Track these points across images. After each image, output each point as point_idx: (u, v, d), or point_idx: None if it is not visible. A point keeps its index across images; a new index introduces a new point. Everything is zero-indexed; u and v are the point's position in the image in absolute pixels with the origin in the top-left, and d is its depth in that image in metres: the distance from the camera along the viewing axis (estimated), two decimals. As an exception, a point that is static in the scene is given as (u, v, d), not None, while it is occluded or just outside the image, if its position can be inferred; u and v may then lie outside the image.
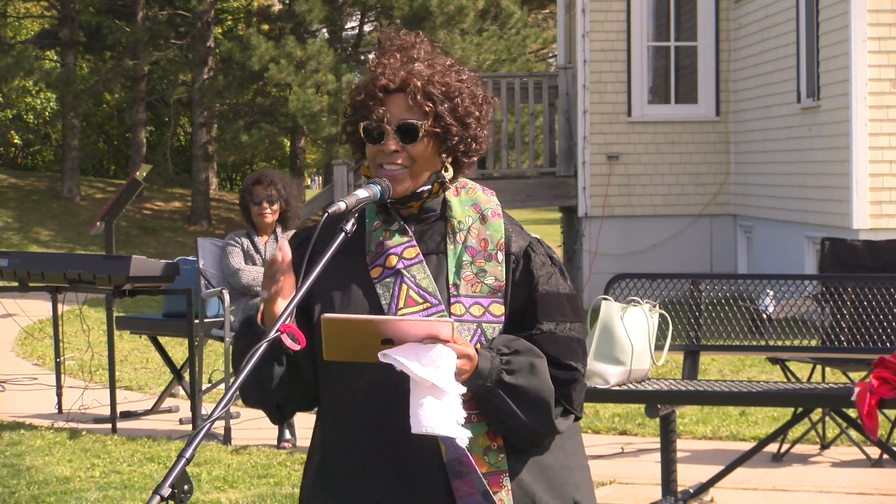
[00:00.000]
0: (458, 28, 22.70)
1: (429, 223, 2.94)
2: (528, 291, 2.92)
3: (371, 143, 2.90)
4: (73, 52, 26.95)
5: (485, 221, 2.95)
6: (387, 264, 2.89)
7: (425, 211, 2.94)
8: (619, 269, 14.59)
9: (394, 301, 2.86)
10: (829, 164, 13.42)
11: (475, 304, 2.88)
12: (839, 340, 7.23)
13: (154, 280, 8.72)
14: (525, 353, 2.84)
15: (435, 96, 2.87)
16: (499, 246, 2.93)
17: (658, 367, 7.46)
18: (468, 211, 2.95)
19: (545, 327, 2.90)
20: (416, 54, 2.91)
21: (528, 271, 2.93)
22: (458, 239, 2.92)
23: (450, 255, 2.91)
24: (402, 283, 2.87)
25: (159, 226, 26.33)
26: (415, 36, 2.96)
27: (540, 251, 2.97)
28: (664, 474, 6.61)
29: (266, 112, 26.51)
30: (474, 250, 2.91)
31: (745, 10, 16.20)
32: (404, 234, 2.91)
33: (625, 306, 6.30)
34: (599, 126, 16.51)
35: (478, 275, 2.89)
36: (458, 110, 2.89)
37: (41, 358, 12.16)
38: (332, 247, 2.80)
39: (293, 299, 2.71)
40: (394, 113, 2.88)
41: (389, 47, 2.93)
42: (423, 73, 2.88)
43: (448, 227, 2.93)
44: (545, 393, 2.84)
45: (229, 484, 7.24)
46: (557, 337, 2.91)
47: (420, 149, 2.88)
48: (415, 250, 2.89)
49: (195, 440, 2.52)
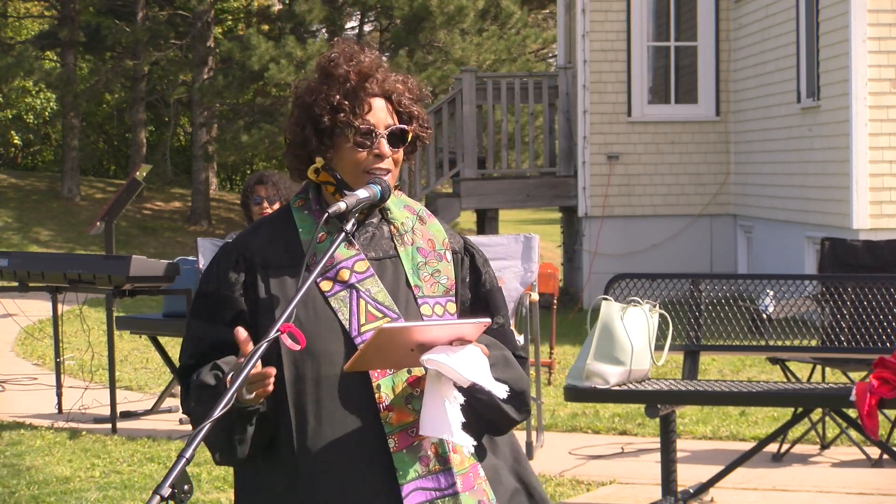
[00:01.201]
0: (458, 28, 22.70)
1: (373, 227, 2.94)
2: (475, 288, 2.99)
3: (360, 148, 2.89)
4: (73, 53, 26.94)
5: (423, 222, 2.98)
6: (338, 278, 2.86)
7: (368, 216, 2.94)
8: (619, 269, 14.59)
9: (354, 317, 2.84)
10: (829, 164, 13.42)
11: (437, 304, 2.92)
12: (839, 340, 7.23)
13: (154, 280, 8.72)
14: (495, 347, 2.91)
15: (414, 102, 2.93)
16: (445, 245, 2.98)
17: (658, 367, 7.46)
18: (405, 212, 2.98)
19: (499, 321, 2.99)
20: (369, 58, 2.92)
21: (474, 268, 3.00)
22: (407, 241, 2.94)
23: (403, 257, 2.92)
24: (358, 298, 2.85)
25: (159, 226, 26.32)
26: (351, 43, 2.97)
27: (477, 249, 3.04)
28: (664, 474, 6.61)
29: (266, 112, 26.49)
30: (425, 251, 2.95)
31: (745, 10, 16.19)
32: (351, 246, 2.89)
33: (625, 306, 6.30)
34: (599, 126, 16.51)
35: (433, 275, 2.93)
36: (422, 115, 2.96)
37: (41, 358, 12.16)
38: (332, 248, 2.80)
39: (293, 299, 2.70)
40: (379, 118, 2.90)
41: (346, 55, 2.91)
42: (395, 77, 2.93)
43: (392, 230, 2.94)
44: (523, 382, 2.94)
45: (229, 484, 7.23)
46: (507, 331, 3.02)
47: (401, 154, 2.93)
48: (365, 263, 2.88)
49: (195, 440, 2.53)
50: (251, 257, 2.89)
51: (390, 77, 2.92)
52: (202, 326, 2.91)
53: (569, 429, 8.77)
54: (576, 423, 8.86)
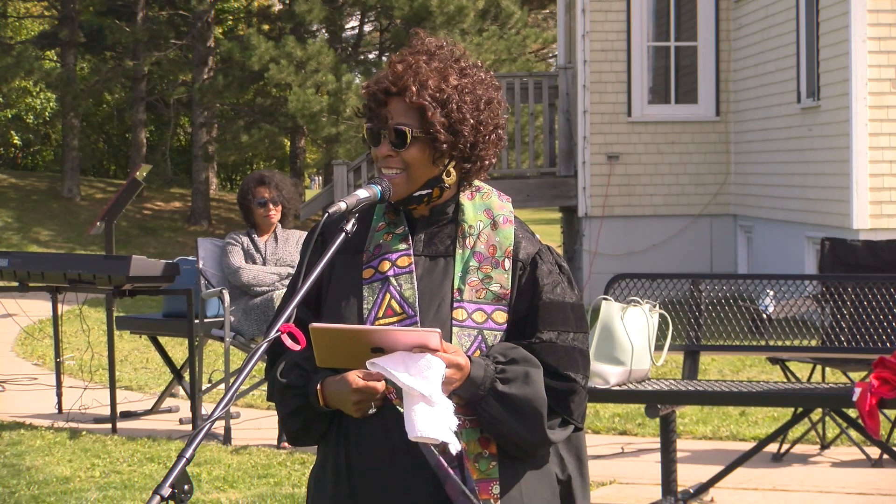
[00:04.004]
0: (458, 28, 22.70)
1: (440, 226, 2.93)
2: (531, 299, 2.89)
3: (373, 146, 2.91)
4: (73, 53, 26.94)
5: (496, 227, 2.93)
6: (379, 268, 2.89)
7: (437, 213, 2.93)
8: (619, 269, 14.59)
9: (374, 308, 2.85)
10: (829, 164, 13.42)
11: (478, 310, 2.87)
12: (839, 340, 7.23)
13: (154, 280, 8.72)
14: (521, 363, 2.83)
15: (427, 102, 2.84)
16: (507, 253, 2.90)
17: (658, 367, 7.46)
18: (480, 216, 2.93)
19: (545, 336, 2.88)
20: (430, 60, 2.88)
21: (533, 279, 2.91)
22: (468, 243, 2.90)
23: (457, 259, 2.90)
24: (386, 290, 2.86)
25: (159, 226, 26.32)
26: (441, 42, 2.93)
27: (548, 259, 2.94)
28: (664, 474, 6.61)
29: (266, 112, 26.50)
30: (482, 256, 2.90)
31: (745, 10, 16.20)
32: (405, 240, 2.90)
33: (625, 306, 6.30)
34: (599, 126, 16.51)
35: (483, 281, 2.88)
36: (452, 116, 2.86)
37: (41, 358, 12.15)
38: (332, 247, 2.81)
39: (294, 299, 2.72)
40: (393, 118, 2.87)
41: (412, 50, 2.91)
42: (422, 78, 2.85)
43: (459, 230, 2.92)
44: (538, 403, 2.82)
45: (229, 484, 7.24)
46: (558, 347, 2.89)
47: (413, 154, 2.86)
48: (408, 259, 2.88)
49: (195, 440, 2.53)
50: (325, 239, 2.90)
51: (420, 72, 2.85)
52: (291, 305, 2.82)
53: (569, 429, 8.76)
54: (576, 423, 8.86)
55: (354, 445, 2.87)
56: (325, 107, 21.73)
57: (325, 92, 22.58)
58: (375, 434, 2.84)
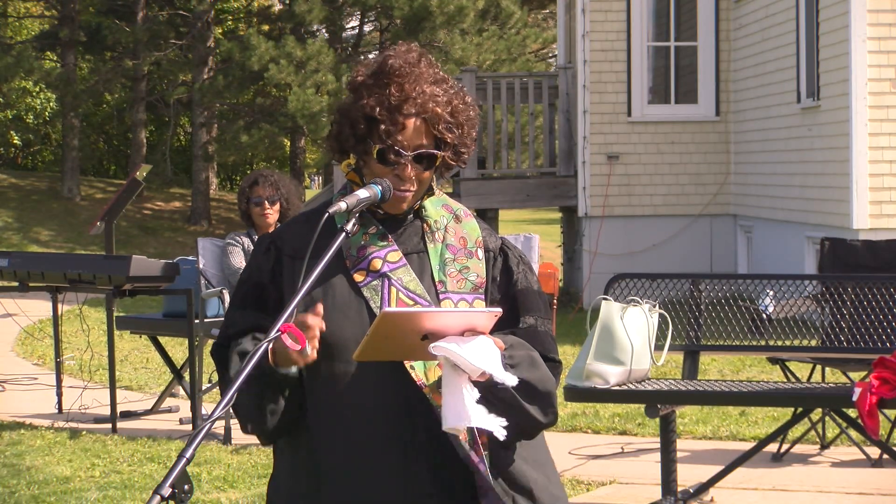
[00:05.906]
0: (458, 28, 22.71)
1: (405, 224, 2.96)
2: (505, 287, 2.98)
3: (384, 165, 2.90)
4: (73, 53, 26.94)
5: (459, 221, 2.99)
6: (371, 268, 2.90)
7: (403, 212, 2.96)
8: (619, 269, 14.58)
9: (384, 304, 2.87)
10: (829, 164, 13.42)
11: (461, 300, 2.92)
12: (839, 340, 7.23)
13: (154, 280, 8.72)
14: (521, 347, 2.89)
15: (452, 125, 2.90)
16: (478, 244, 2.98)
17: (658, 367, 7.46)
18: (441, 211, 2.99)
19: (528, 322, 2.96)
20: (423, 71, 2.90)
21: (506, 268, 2.99)
22: (437, 238, 2.95)
23: (431, 253, 2.94)
24: (390, 286, 2.88)
25: (159, 226, 26.33)
26: (415, 50, 2.94)
27: (514, 249, 3.04)
28: (664, 474, 6.61)
29: (266, 112, 26.49)
30: (455, 248, 2.95)
31: (745, 10, 16.20)
32: (384, 238, 2.93)
33: (625, 306, 6.30)
34: (599, 126, 16.51)
35: (461, 271, 2.94)
36: (465, 134, 2.94)
37: (41, 358, 12.16)
38: (333, 247, 2.81)
39: (294, 299, 2.71)
40: (410, 138, 2.88)
41: (399, 65, 2.89)
42: (440, 100, 2.89)
43: (425, 227, 2.96)
44: (548, 384, 2.90)
45: (229, 484, 7.24)
46: (539, 332, 2.98)
47: (429, 173, 2.93)
48: (398, 254, 2.92)
49: (195, 440, 2.53)
50: (281, 246, 2.96)
51: (437, 97, 2.88)
52: (236, 312, 3.00)
53: (569, 429, 8.77)
54: (576, 423, 8.86)
55: (323, 449, 2.88)
56: (325, 107, 21.73)
57: (325, 92, 22.58)
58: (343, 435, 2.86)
